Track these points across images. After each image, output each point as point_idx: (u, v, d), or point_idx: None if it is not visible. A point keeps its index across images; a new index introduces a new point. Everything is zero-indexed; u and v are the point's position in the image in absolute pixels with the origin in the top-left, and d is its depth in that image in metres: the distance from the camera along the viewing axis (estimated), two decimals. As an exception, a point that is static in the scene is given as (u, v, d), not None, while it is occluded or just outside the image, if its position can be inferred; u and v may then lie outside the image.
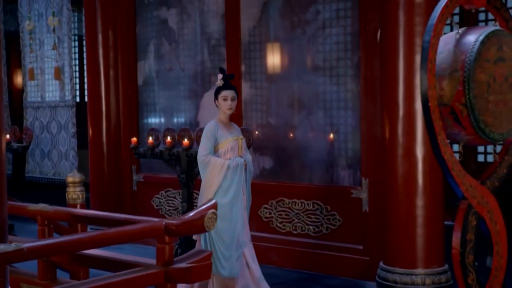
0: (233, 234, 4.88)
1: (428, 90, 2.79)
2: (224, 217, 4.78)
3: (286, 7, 6.38)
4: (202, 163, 4.91)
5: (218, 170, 4.85)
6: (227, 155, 4.94)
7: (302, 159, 6.34)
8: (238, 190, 4.93)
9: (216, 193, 4.86)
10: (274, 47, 6.52)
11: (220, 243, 4.85)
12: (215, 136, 4.93)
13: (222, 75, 5.06)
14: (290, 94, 6.43)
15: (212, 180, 4.87)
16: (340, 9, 6.00)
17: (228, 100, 5.00)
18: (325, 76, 6.11)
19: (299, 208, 6.28)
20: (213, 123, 5.00)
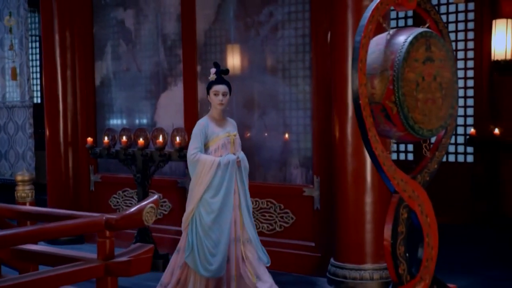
0: (222, 232, 4.81)
1: (358, 88, 2.91)
2: (214, 215, 4.79)
3: (240, 9, 6.49)
4: (191, 162, 4.85)
5: (208, 168, 4.78)
6: (218, 152, 4.88)
7: (256, 158, 6.43)
8: (229, 188, 4.85)
9: (206, 192, 4.82)
10: (229, 48, 6.62)
11: (208, 240, 4.79)
12: (205, 133, 4.86)
13: (216, 69, 4.98)
14: (245, 94, 6.53)
15: (201, 179, 4.80)
16: (292, 11, 6.13)
17: (219, 95, 4.92)
18: (279, 76, 6.23)
19: (254, 207, 6.34)
20: (203, 120, 4.94)
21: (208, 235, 4.80)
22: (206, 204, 4.84)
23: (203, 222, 4.83)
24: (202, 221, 4.83)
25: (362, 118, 2.94)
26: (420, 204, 3.20)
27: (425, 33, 3.09)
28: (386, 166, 3.04)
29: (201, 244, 4.80)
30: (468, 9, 8.40)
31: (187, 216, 4.94)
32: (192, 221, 4.91)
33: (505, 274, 5.92)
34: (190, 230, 4.90)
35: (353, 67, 2.92)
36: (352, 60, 2.93)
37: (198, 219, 4.86)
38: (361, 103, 2.93)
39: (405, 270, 3.11)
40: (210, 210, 4.83)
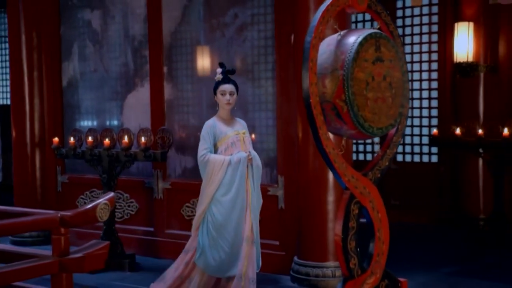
0: (236, 231, 4.74)
1: (309, 88, 2.99)
2: (226, 214, 4.71)
3: (205, 10, 6.55)
4: (201, 163, 4.78)
5: (219, 167, 4.71)
6: (228, 151, 4.79)
7: (223, 158, 6.49)
8: (240, 186, 4.75)
9: (218, 190, 4.74)
10: (195, 49, 6.67)
11: (222, 240, 4.72)
12: (213, 133, 4.79)
13: (222, 69, 4.92)
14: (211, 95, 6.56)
15: (212, 179, 4.73)
16: (256, 13, 6.21)
17: (226, 94, 4.85)
18: (244, 77, 6.30)
19: (219, 206, 6.43)
20: (210, 121, 4.88)
21: (222, 234, 4.72)
22: (217, 203, 4.76)
23: (216, 222, 4.73)
24: (215, 221, 4.74)
25: (313, 117, 3.03)
26: (371, 200, 3.29)
27: (375, 34, 3.18)
28: (337, 163, 3.13)
29: (215, 244, 4.72)
30: (432, 12, 8.57)
31: (198, 217, 4.85)
32: (203, 222, 4.82)
33: (461, 270, 6.08)
34: (201, 231, 4.80)
35: (304, 67, 3.00)
36: (303, 60, 3.01)
37: (211, 219, 4.76)
38: (312, 102, 3.01)
39: (356, 264, 3.20)
40: (223, 209, 4.74)
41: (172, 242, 6.71)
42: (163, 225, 6.83)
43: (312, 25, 3.04)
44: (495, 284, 5.47)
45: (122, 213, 7.11)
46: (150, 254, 6.82)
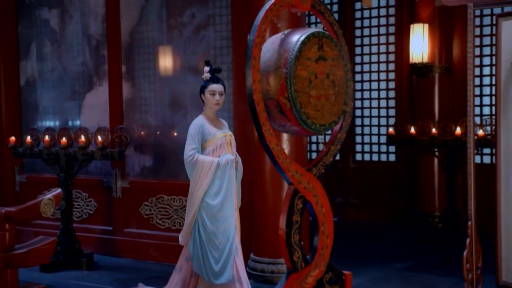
0: (226, 236, 4.57)
1: (252, 85, 3.06)
2: (215, 218, 4.54)
3: (163, 10, 6.59)
4: (189, 163, 4.59)
5: (207, 169, 4.54)
6: (216, 153, 4.62)
7: (180, 157, 6.50)
8: (229, 189, 4.61)
9: (206, 194, 4.55)
10: (153, 49, 6.70)
11: (211, 246, 4.53)
12: (202, 133, 4.61)
13: (209, 67, 4.71)
14: (169, 94, 6.64)
15: (201, 181, 4.55)
16: (213, 13, 6.27)
17: (216, 94, 4.64)
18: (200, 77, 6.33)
19: (177, 205, 6.48)
20: (199, 120, 4.67)
21: (212, 241, 4.54)
22: (207, 208, 4.57)
23: (206, 228, 4.55)
24: (205, 226, 4.56)
25: (256, 113, 3.10)
26: (316, 195, 3.37)
27: (317, 33, 3.26)
28: (280, 158, 3.20)
29: (205, 251, 4.54)
30: (389, 14, 8.74)
31: (189, 224, 4.63)
32: (194, 228, 4.61)
33: (413, 265, 6.24)
34: (193, 238, 4.61)
35: (247, 64, 3.07)
36: (246, 58, 3.08)
37: (201, 224, 4.57)
38: (255, 99, 3.08)
39: (300, 257, 3.28)
40: (212, 214, 4.56)
41: (131, 241, 6.74)
42: (122, 224, 6.84)
43: (255, 24, 3.11)
44: (445, 278, 5.62)
45: (81, 212, 7.10)
46: (108, 253, 6.83)
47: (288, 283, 3.25)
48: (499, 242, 4.60)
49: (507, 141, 4.56)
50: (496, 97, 4.64)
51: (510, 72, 4.50)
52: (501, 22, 4.55)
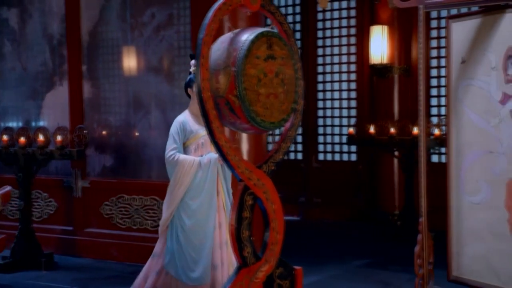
0: (206, 237, 4.46)
1: (201, 83, 3.11)
2: (195, 218, 4.45)
3: (123, 10, 6.60)
4: (170, 162, 4.45)
5: (188, 169, 4.41)
6: (198, 151, 4.51)
7: (141, 156, 6.57)
8: (211, 189, 4.48)
9: (186, 194, 4.46)
10: (113, 48, 6.71)
11: (189, 246, 4.44)
12: (183, 131, 4.48)
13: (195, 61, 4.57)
14: (129, 93, 6.65)
15: (181, 181, 4.43)
16: (173, 13, 6.31)
17: None
18: (161, 76, 6.39)
19: (138, 204, 6.50)
20: (181, 117, 4.55)
21: (189, 240, 4.44)
22: (186, 207, 4.48)
23: (184, 227, 4.46)
24: (183, 225, 4.47)
25: (206, 111, 3.14)
26: (266, 191, 3.42)
27: (267, 33, 3.32)
28: (230, 155, 3.25)
29: (181, 250, 4.44)
30: (350, 16, 8.87)
31: (165, 221, 4.56)
32: (172, 225, 4.53)
33: (371, 262, 6.36)
34: (170, 235, 4.52)
35: (196, 63, 3.12)
36: (195, 57, 3.12)
37: (179, 223, 4.49)
38: (204, 97, 3.13)
39: (250, 253, 3.32)
40: (191, 213, 4.46)
41: (92, 240, 6.74)
42: (82, 224, 6.83)
43: (204, 24, 3.16)
44: (401, 274, 5.74)
45: (41, 212, 7.06)
46: (69, 253, 6.80)
47: (238, 278, 3.30)
48: (450, 238, 4.72)
49: (457, 140, 4.68)
50: (447, 97, 4.76)
51: (460, 72, 4.62)
52: (451, 23, 4.67)
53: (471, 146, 4.57)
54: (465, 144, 4.60)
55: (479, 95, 4.48)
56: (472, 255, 4.57)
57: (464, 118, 4.60)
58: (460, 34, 4.61)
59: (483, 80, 4.46)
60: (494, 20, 4.35)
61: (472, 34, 4.52)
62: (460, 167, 4.65)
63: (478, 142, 4.51)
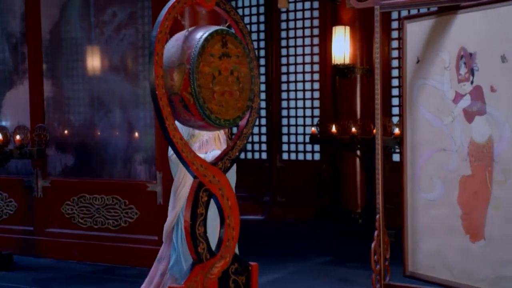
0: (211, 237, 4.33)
1: (155, 80, 3.12)
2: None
3: (84, 8, 6.57)
4: (174, 161, 4.33)
5: None
6: (203, 149, 4.39)
7: (102, 156, 6.54)
8: None
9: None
10: (74, 47, 6.67)
11: None
12: (187, 128, 4.28)
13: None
14: (91, 92, 6.62)
15: (185, 179, 4.31)
16: (134, 12, 6.30)
17: None
18: (122, 75, 6.38)
19: (99, 203, 6.47)
20: None
21: None
22: None
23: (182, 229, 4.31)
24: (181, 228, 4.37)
25: (159, 108, 3.15)
26: (221, 188, 3.45)
27: (221, 31, 3.35)
28: (184, 152, 3.27)
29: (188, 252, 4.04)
30: (313, 16, 8.95)
31: (170, 222, 4.47)
32: (178, 227, 4.42)
33: (331, 260, 6.46)
34: (175, 237, 4.40)
35: (150, 60, 3.13)
36: (149, 54, 3.14)
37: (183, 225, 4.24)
38: (158, 94, 3.14)
39: (205, 249, 3.35)
40: None
41: (53, 240, 6.68)
42: (43, 224, 6.77)
43: (158, 21, 3.16)
44: (359, 271, 5.84)
45: (1, 212, 6.98)
46: (29, 253, 6.74)
47: (193, 274, 3.32)
48: (406, 234, 4.82)
49: (412, 139, 4.77)
50: (403, 96, 4.85)
51: (415, 72, 4.73)
52: (407, 24, 4.77)
53: (425, 144, 4.67)
54: (420, 142, 4.70)
55: (433, 94, 4.59)
56: (426, 251, 4.67)
57: (418, 117, 4.71)
58: (415, 34, 4.72)
59: (437, 80, 4.56)
60: (447, 20, 4.46)
61: (426, 34, 4.62)
62: (415, 165, 4.75)
63: (432, 140, 4.61)
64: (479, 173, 4.29)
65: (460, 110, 4.41)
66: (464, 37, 4.35)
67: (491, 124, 4.19)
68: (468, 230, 4.39)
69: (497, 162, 4.15)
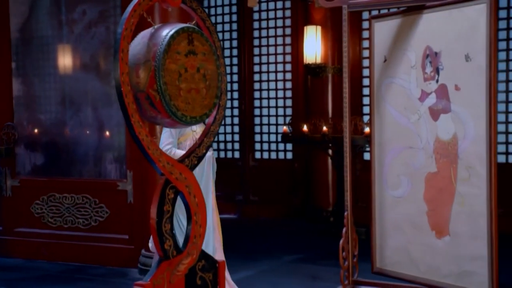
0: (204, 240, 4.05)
1: (120, 77, 3.12)
2: None
3: (54, 6, 6.53)
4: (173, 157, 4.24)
5: None
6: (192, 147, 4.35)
7: (72, 155, 6.50)
8: (207, 187, 4.34)
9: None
10: (44, 45, 6.62)
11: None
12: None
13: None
14: (61, 91, 6.58)
15: None
16: (104, 10, 6.28)
17: None
18: (92, 73, 6.34)
19: (69, 202, 6.43)
20: None
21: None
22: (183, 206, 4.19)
23: (183, 228, 4.23)
24: (181, 226, 4.27)
25: (125, 105, 3.15)
26: (188, 185, 3.46)
27: (187, 28, 3.36)
28: (151, 150, 3.27)
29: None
30: (286, 16, 9.00)
31: None
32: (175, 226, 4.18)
33: (301, 257, 6.51)
34: None
35: (115, 57, 3.12)
36: (114, 51, 3.13)
37: (176, 224, 4.24)
38: (123, 91, 3.14)
39: (171, 246, 3.35)
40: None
41: (22, 240, 6.62)
42: (12, 224, 6.71)
43: (123, 18, 3.16)
44: (329, 268, 5.87)
45: (-31, 212, 6.90)
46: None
47: (159, 270, 3.33)
48: (373, 231, 4.88)
49: (380, 137, 4.83)
50: (371, 95, 4.91)
51: (382, 71, 4.78)
52: (374, 23, 4.82)
53: (392, 142, 4.73)
54: (387, 140, 4.76)
55: (400, 93, 4.65)
56: (394, 247, 4.73)
57: (386, 115, 4.76)
58: (382, 33, 4.77)
59: (404, 78, 4.62)
60: (413, 20, 4.52)
61: (393, 33, 4.68)
62: (383, 163, 4.81)
63: (399, 138, 4.67)
64: (444, 170, 4.36)
65: (426, 108, 4.48)
66: (430, 36, 4.42)
67: (456, 122, 4.26)
68: (434, 226, 4.46)
69: (461, 159, 4.22)
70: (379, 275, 4.83)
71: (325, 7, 4.86)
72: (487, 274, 4.07)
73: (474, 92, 4.12)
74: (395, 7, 4.81)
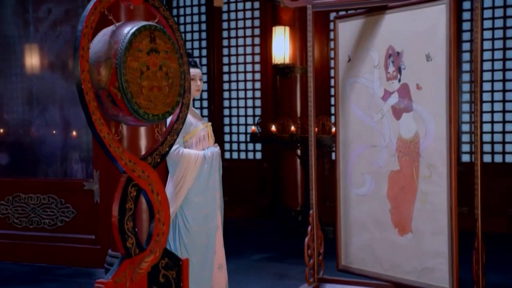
0: (210, 238, 4.24)
1: (80, 74, 3.11)
2: (199, 219, 4.15)
3: (18, 5, 6.47)
4: (174, 158, 4.12)
5: (193, 163, 4.10)
6: (199, 145, 4.20)
7: (37, 154, 6.45)
8: (214, 185, 4.28)
9: (190, 191, 4.12)
10: (8, 44, 6.55)
11: (194, 248, 4.16)
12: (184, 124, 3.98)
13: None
14: (26, 90, 6.52)
15: (185, 177, 4.11)
16: (69, 9, 6.24)
17: (197, 80, 4.20)
18: (58, 72, 6.30)
19: (35, 203, 6.36)
20: None
21: (194, 242, 4.16)
22: (191, 205, 4.15)
23: (188, 227, 4.16)
24: (187, 225, 4.17)
25: (86, 102, 3.15)
26: (151, 183, 3.46)
27: (149, 26, 3.36)
28: (112, 147, 3.27)
29: (187, 253, 4.14)
30: (254, 17, 9.03)
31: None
32: (174, 226, 4.22)
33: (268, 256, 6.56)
34: (172, 237, 4.22)
35: (76, 54, 3.12)
36: (74, 48, 3.13)
37: (182, 223, 4.17)
38: (84, 88, 3.13)
39: (134, 243, 3.35)
40: (196, 212, 4.15)
41: (-14, 241, 6.54)
42: (-23, 225, 6.62)
43: (84, 15, 3.16)
44: (295, 266, 5.91)
45: None
46: (-38, 255, 6.58)
47: (121, 268, 3.32)
48: (338, 229, 4.93)
49: (344, 135, 4.88)
50: (335, 94, 4.96)
51: (347, 70, 4.84)
52: (338, 23, 4.87)
53: (356, 141, 4.78)
54: (352, 139, 4.82)
55: (363, 92, 4.71)
56: (358, 245, 4.79)
57: (350, 114, 4.82)
58: (346, 33, 4.82)
59: (367, 78, 4.68)
60: (376, 20, 4.58)
61: (357, 33, 4.74)
62: (347, 161, 4.87)
63: (363, 137, 4.73)
64: (406, 168, 4.43)
65: (388, 107, 4.54)
66: (392, 36, 4.48)
67: (417, 120, 4.33)
68: (397, 223, 4.52)
69: (423, 157, 4.29)
70: (345, 273, 4.88)
71: (290, 7, 4.90)
72: (448, 270, 4.15)
73: (434, 92, 4.19)
74: (359, 8, 4.86)
